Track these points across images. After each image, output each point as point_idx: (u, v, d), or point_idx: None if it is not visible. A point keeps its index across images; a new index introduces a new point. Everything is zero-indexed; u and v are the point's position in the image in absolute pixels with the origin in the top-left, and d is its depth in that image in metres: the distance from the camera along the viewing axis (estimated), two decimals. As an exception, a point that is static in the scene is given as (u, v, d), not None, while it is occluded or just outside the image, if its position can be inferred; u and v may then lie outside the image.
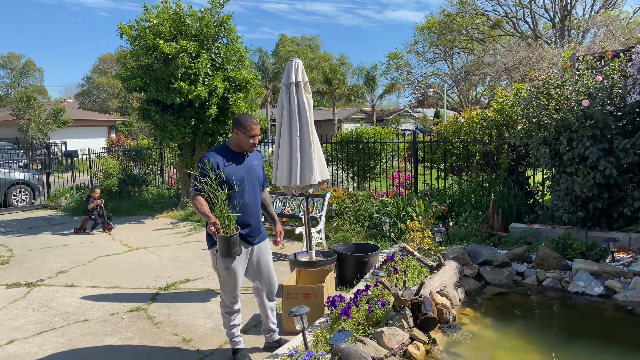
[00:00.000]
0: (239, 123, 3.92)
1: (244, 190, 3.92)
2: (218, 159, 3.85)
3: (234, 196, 3.81)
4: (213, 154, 3.89)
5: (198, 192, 3.79)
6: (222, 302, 4.05)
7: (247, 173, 3.98)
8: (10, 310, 5.41)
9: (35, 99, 29.85)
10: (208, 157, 3.85)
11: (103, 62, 53.90)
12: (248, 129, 3.90)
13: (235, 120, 3.97)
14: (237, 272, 3.92)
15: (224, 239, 3.57)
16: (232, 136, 4.00)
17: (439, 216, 7.35)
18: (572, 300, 4.94)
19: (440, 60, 40.12)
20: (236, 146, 3.98)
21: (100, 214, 9.74)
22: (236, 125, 3.93)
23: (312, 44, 63.12)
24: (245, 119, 3.93)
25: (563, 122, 6.00)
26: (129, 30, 10.02)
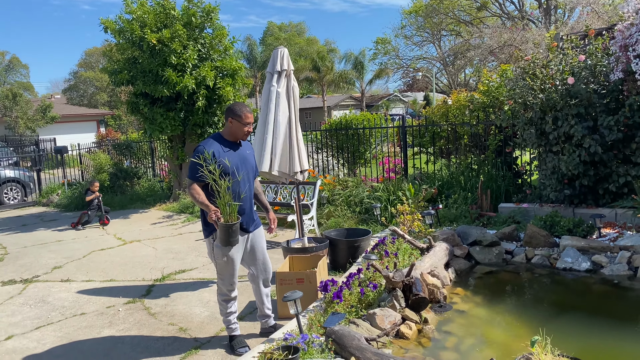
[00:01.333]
0: (233, 112, 3.94)
1: (244, 180, 4.00)
2: (214, 147, 3.87)
3: (231, 185, 3.83)
4: (209, 143, 3.90)
5: (194, 181, 3.83)
6: (219, 290, 4.11)
7: (241, 162, 4.02)
8: (7, 307, 5.45)
9: (21, 95, 29.63)
10: (204, 146, 3.87)
11: (89, 56, 53.40)
12: (243, 117, 3.94)
13: (228, 109, 3.98)
14: (235, 260, 3.99)
15: (226, 227, 3.62)
16: (226, 125, 4.01)
17: (429, 199, 7.43)
18: (560, 276, 5.04)
19: (428, 44, 40.08)
20: (230, 135, 4.01)
21: (99, 207, 9.74)
22: (230, 114, 3.95)
23: (298, 30, 62.78)
24: (240, 107, 3.96)
25: (548, 102, 6.07)
26: (113, 25, 9.96)
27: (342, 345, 3.39)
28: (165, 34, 9.54)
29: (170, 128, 10.19)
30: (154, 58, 9.75)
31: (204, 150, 3.80)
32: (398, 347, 3.70)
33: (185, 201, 10.47)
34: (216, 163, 3.75)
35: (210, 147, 3.86)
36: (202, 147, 3.86)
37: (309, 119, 42.55)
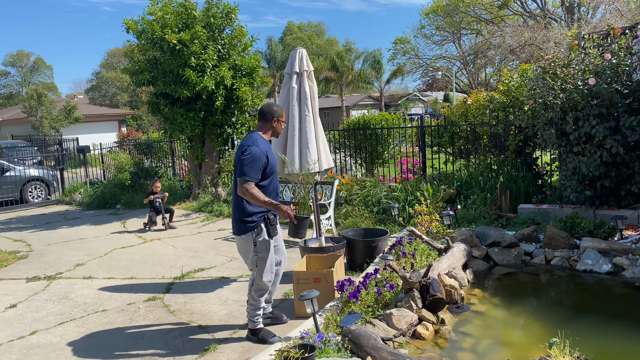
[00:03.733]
0: (276, 112, 4.21)
1: (276, 175, 4.26)
2: (265, 147, 4.08)
3: (274, 180, 4.18)
4: (259, 142, 4.06)
5: (249, 181, 3.95)
6: (258, 285, 4.20)
7: (274, 159, 4.26)
8: (32, 303, 5.58)
9: (46, 96, 30.16)
10: (257, 145, 4.02)
11: (111, 56, 54.21)
12: (283, 117, 4.29)
13: (268, 111, 4.20)
14: (273, 251, 4.22)
15: (303, 219, 4.22)
16: (267, 125, 4.21)
17: (447, 199, 7.40)
18: (580, 278, 4.99)
19: (448, 43, 39.80)
20: (271, 134, 4.28)
21: (158, 209, 9.03)
22: (274, 115, 4.20)
23: (317, 31, 62.84)
24: (280, 108, 4.26)
25: (569, 102, 6.00)
26: (135, 25, 10.11)
27: (358, 345, 3.41)
28: (185, 36, 9.66)
29: (190, 128, 10.30)
30: (174, 59, 9.87)
31: (259, 150, 3.99)
32: (414, 347, 3.70)
33: (204, 200, 10.58)
34: (269, 162, 4.05)
35: (263, 147, 4.06)
36: (256, 146, 4.00)
37: (328, 118, 42.56)
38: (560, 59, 6.31)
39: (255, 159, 3.95)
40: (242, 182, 3.95)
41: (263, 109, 4.26)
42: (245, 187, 3.94)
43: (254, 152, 3.96)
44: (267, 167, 4.05)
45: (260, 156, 3.98)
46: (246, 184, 3.94)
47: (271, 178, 4.14)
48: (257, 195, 3.95)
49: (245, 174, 3.95)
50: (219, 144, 11.13)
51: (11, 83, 58.54)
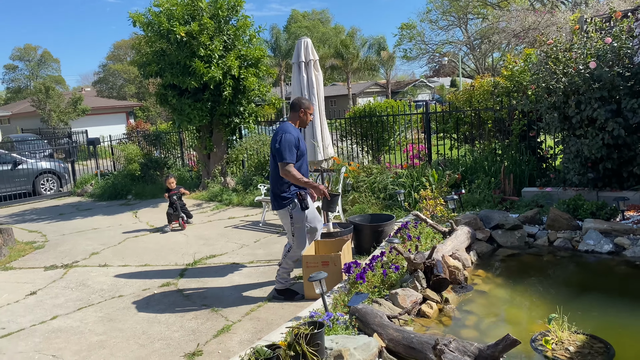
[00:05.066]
0: (304, 104, 4.82)
1: (305, 158, 4.86)
2: (296, 134, 4.70)
3: (303, 163, 4.78)
4: (291, 130, 4.68)
5: (290, 162, 4.56)
6: (294, 251, 4.86)
7: (304, 145, 4.83)
8: (51, 290, 5.80)
9: (53, 89, 30.42)
10: (290, 132, 4.63)
11: (118, 48, 54.33)
12: (310, 109, 4.86)
13: (298, 104, 4.82)
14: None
15: (335, 196, 4.96)
16: (295, 116, 4.83)
17: (452, 184, 7.52)
18: (582, 258, 5.11)
19: (455, 28, 39.56)
20: (300, 124, 4.87)
21: (174, 206, 8.51)
22: (302, 107, 4.81)
23: (322, 18, 62.56)
24: (307, 101, 4.86)
25: (571, 86, 6.08)
26: (142, 18, 10.23)
27: (365, 323, 3.57)
28: (193, 27, 9.77)
29: (198, 118, 10.45)
30: (181, 50, 9.99)
31: (291, 135, 4.60)
32: (419, 325, 3.85)
33: (214, 190, 10.76)
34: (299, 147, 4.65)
35: (295, 133, 4.67)
36: (290, 133, 4.62)
37: (334, 106, 42.58)
38: (562, 43, 6.38)
39: (289, 144, 4.56)
40: (283, 165, 4.55)
41: (293, 101, 4.88)
42: (286, 169, 4.55)
43: (287, 138, 4.57)
44: (298, 151, 4.65)
45: (292, 140, 4.60)
46: (287, 166, 4.55)
47: (301, 161, 4.75)
48: (297, 175, 4.57)
49: (285, 158, 4.55)
50: (227, 134, 11.29)
51: (19, 77, 58.96)
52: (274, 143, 4.67)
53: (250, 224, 8.26)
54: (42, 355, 4.16)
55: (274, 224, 8.08)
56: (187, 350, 4.05)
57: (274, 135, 4.75)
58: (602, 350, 3.30)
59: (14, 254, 7.38)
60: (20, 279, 6.28)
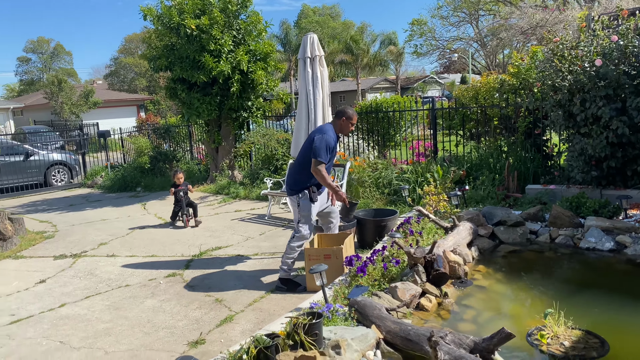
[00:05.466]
0: (347, 113, 5.06)
1: (333, 159, 5.15)
2: (334, 138, 4.99)
3: (330, 165, 5.06)
4: (331, 133, 4.97)
5: (322, 162, 4.84)
6: (300, 236, 5.06)
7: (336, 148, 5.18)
8: (60, 279, 5.93)
9: (65, 81, 30.68)
10: (330, 134, 4.94)
11: (129, 42, 54.61)
12: (353, 119, 5.09)
13: (343, 111, 5.07)
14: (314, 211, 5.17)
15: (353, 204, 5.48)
16: (338, 122, 5.06)
17: (457, 181, 7.56)
18: (583, 255, 5.14)
19: (466, 24, 39.30)
20: (340, 130, 5.09)
21: (180, 203, 8.21)
22: (344, 115, 5.04)
23: (332, 13, 62.44)
24: (352, 112, 5.09)
25: (576, 84, 6.09)
26: (152, 11, 10.33)
27: (364, 315, 3.65)
28: (204, 21, 9.84)
29: (207, 112, 10.55)
30: (191, 44, 10.07)
31: (329, 137, 4.90)
32: (418, 318, 3.92)
33: (221, 183, 10.87)
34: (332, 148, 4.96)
35: (333, 137, 4.97)
36: (329, 135, 4.91)
37: (343, 102, 42.55)
38: (568, 41, 6.38)
39: (327, 144, 4.86)
40: (317, 163, 4.83)
41: (339, 109, 5.14)
42: (319, 168, 4.83)
43: (327, 139, 4.87)
44: (330, 154, 4.96)
45: (330, 143, 4.91)
46: (320, 165, 4.83)
47: (330, 163, 5.06)
48: (325, 176, 4.88)
49: (319, 156, 4.82)
50: (235, 127, 11.38)
51: (32, 69, 59.47)
52: (309, 140, 4.98)
53: (256, 217, 8.36)
54: (49, 341, 4.28)
55: (280, 217, 8.17)
56: (190, 338, 4.15)
57: (313, 132, 5.10)
58: (596, 346, 3.35)
59: (25, 243, 7.53)
60: (30, 268, 6.42)
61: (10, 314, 4.94)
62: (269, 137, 10.88)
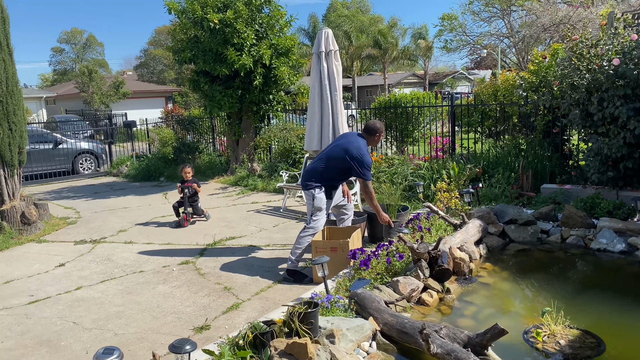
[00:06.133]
0: (379, 129, 5.31)
1: None
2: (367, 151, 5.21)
3: None
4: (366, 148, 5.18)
5: (369, 180, 5.17)
6: (312, 228, 5.20)
7: None
8: (78, 263, 6.15)
9: (97, 72, 31.39)
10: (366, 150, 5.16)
11: (159, 34, 55.37)
12: (383, 133, 5.43)
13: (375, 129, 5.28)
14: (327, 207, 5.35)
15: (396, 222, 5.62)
16: (372, 138, 5.28)
17: (473, 178, 7.52)
18: (593, 256, 5.10)
19: (497, 19, 38.62)
20: (371, 143, 5.33)
21: (183, 199, 7.80)
22: (377, 132, 5.28)
23: (362, 7, 62.09)
24: (381, 124, 5.36)
25: (594, 82, 6.00)
26: (176, 5, 10.51)
27: (362, 307, 3.71)
28: (229, 14, 9.97)
29: (228, 105, 10.70)
30: (214, 37, 10.22)
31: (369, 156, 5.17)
32: (418, 312, 3.97)
33: (240, 174, 11.03)
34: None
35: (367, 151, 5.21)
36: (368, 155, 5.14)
37: (369, 96, 42.41)
38: (588, 39, 6.28)
39: (367, 164, 5.09)
40: (367, 184, 5.14)
41: (371, 126, 5.32)
42: (369, 188, 5.16)
43: (367, 159, 5.09)
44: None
45: (370, 162, 5.14)
46: (369, 184, 5.15)
47: None
48: (373, 196, 5.24)
49: (368, 177, 5.13)
50: (256, 120, 11.52)
51: (65, 59, 60.92)
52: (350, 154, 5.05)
53: (271, 209, 8.48)
54: (63, 322, 4.47)
55: (294, 210, 8.27)
56: (196, 324, 4.28)
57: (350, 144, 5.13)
58: (593, 345, 3.36)
59: (48, 228, 7.81)
60: (52, 252, 6.67)
61: (30, 295, 5.16)
62: (287, 131, 10.97)
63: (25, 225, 7.50)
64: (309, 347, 2.87)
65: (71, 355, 3.87)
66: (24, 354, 3.94)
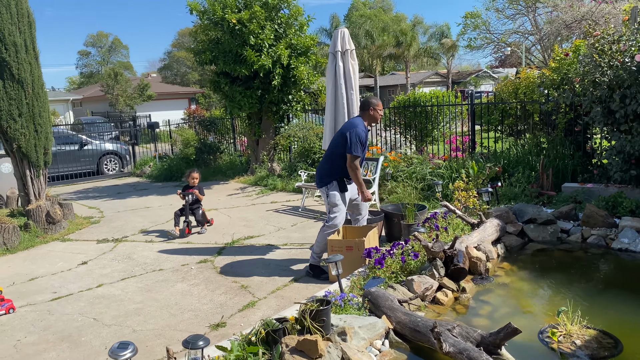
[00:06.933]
0: (374, 104, 5.15)
1: (365, 152, 5.22)
2: (365, 130, 5.09)
3: (362, 159, 5.13)
4: (361, 126, 5.05)
5: (357, 156, 4.97)
6: (331, 226, 5.20)
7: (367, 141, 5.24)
8: (100, 261, 6.28)
9: (122, 74, 31.98)
10: (361, 128, 5.01)
11: (182, 36, 55.93)
12: (379, 106, 5.18)
13: (369, 103, 5.16)
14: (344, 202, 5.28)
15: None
16: (367, 113, 5.16)
17: (493, 177, 7.44)
18: (614, 256, 5.00)
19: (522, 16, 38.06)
20: (368, 120, 5.19)
21: (183, 209, 7.40)
22: (372, 105, 5.14)
23: (384, 6, 61.83)
24: (377, 101, 5.19)
25: (616, 79, 5.88)
26: (198, 6, 10.65)
27: (376, 305, 3.72)
28: (244, 15, 10.07)
29: (248, 105, 10.79)
30: (233, 38, 10.32)
31: (361, 131, 4.98)
32: (432, 311, 3.95)
33: (260, 174, 11.11)
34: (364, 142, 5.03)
35: (364, 130, 5.05)
36: (360, 128, 4.99)
37: (391, 96, 42.18)
38: (609, 35, 6.16)
39: (360, 138, 4.95)
40: (353, 158, 4.95)
41: (363, 101, 5.24)
42: (355, 163, 4.97)
43: (359, 133, 4.95)
44: (363, 147, 5.04)
45: (362, 136, 4.99)
46: (356, 160, 4.96)
47: (364, 154, 5.15)
48: (359, 172, 5.02)
49: (354, 151, 4.94)
50: (276, 120, 11.59)
51: (92, 62, 62.19)
52: (340, 135, 5.08)
53: (290, 208, 8.52)
54: (84, 318, 4.58)
55: (313, 209, 8.30)
56: (212, 321, 4.34)
57: (344, 126, 5.19)
58: (610, 346, 3.30)
59: (72, 227, 7.99)
60: (75, 250, 6.83)
61: (53, 292, 5.30)
62: (307, 130, 11.01)
63: (50, 225, 7.68)
64: (319, 344, 2.89)
65: (90, 351, 3.96)
66: (46, 349, 4.05)
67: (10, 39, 7.24)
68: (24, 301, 5.08)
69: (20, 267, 6.21)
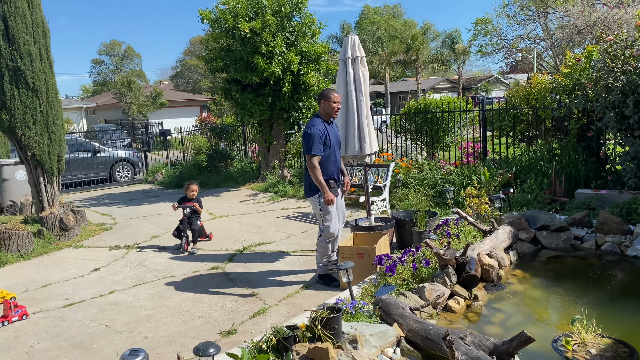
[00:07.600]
0: (324, 95, 4.96)
1: (336, 150, 5.07)
2: (321, 126, 4.89)
3: (332, 155, 4.97)
4: (317, 123, 4.89)
5: (313, 155, 4.78)
6: (325, 235, 5.08)
7: (335, 137, 5.07)
8: (112, 268, 6.32)
9: (134, 82, 32.32)
10: (315, 125, 4.85)
11: (194, 44, 56.48)
12: (332, 98, 4.95)
13: (320, 95, 4.99)
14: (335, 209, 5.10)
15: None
16: (320, 108, 4.99)
17: (505, 184, 7.39)
18: (629, 263, 4.93)
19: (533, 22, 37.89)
20: (325, 115, 4.99)
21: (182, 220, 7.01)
22: (322, 98, 4.96)
23: (394, 13, 61.91)
24: (328, 91, 5.00)
25: (630, 84, 5.83)
26: (209, 14, 10.73)
27: (387, 313, 3.69)
28: (256, 24, 10.13)
29: (259, 113, 10.84)
30: (244, 46, 10.38)
31: (315, 129, 4.80)
32: (444, 319, 3.92)
33: (271, 181, 11.13)
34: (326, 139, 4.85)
35: (319, 126, 4.86)
36: (314, 127, 4.82)
37: (401, 102, 42.13)
38: (622, 40, 6.11)
39: (312, 137, 4.77)
40: (310, 157, 4.81)
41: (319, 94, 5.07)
42: (313, 162, 4.80)
43: (312, 132, 4.80)
44: (324, 144, 4.85)
45: (316, 134, 4.78)
46: (313, 158, 4.80)
47: (329, 152, 4.93)
48: (316, 172, 4.80)
49: (310, 151, 4.80)
50: (286, 127, 11.62)
51: (105, 71, 62.96)
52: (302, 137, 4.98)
53: (301, 215, 8.52)
54: (96, 324, 4.60)
55: (324, 216, 8.29)
56: (223, 328, 4.34)
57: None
58: (625, 355, 3.24)
59: (85, 234, 8.05)
60: (87, 257, 6.88)
61: (65, 298, 5.33)
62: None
63: (63, 231, 7.75)
64: (330, 352, 2.88)
65: (102, 358, 3.98)
66: (59, 355, 4.07)
67: (25, 48, 7.35)
68: (37, 307, 5.12)
69: (34, 274, 6.27)
